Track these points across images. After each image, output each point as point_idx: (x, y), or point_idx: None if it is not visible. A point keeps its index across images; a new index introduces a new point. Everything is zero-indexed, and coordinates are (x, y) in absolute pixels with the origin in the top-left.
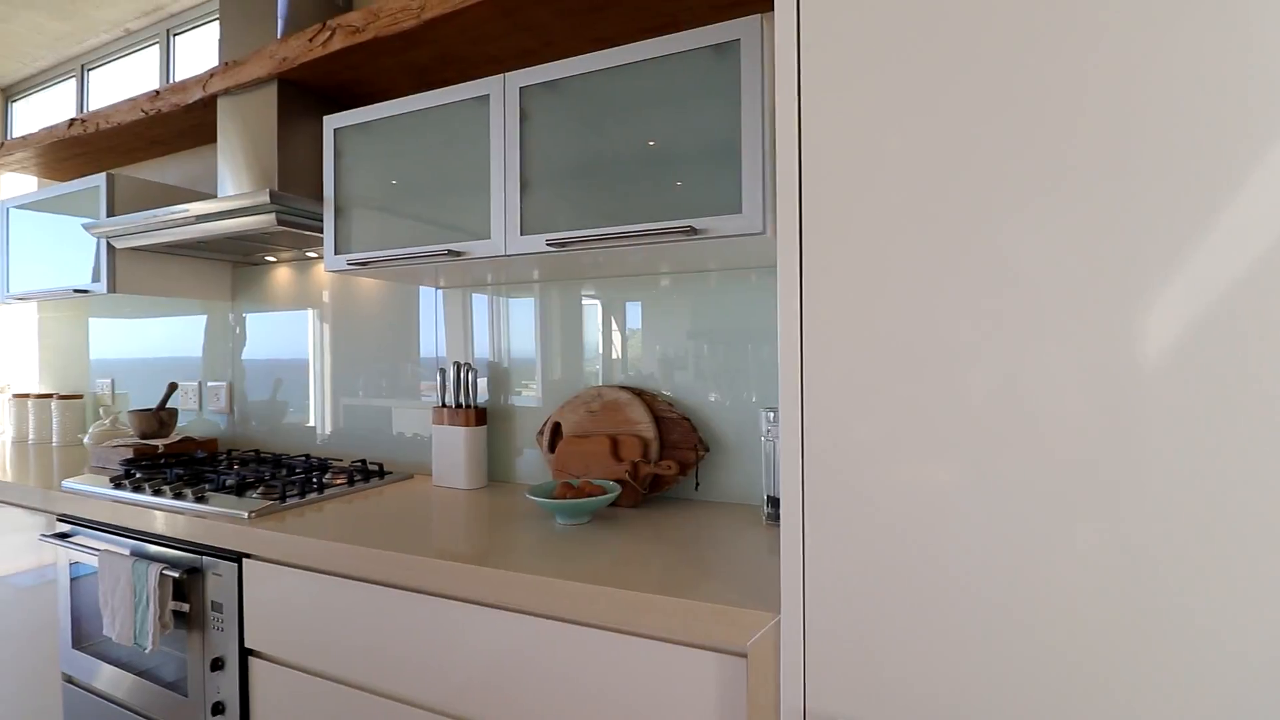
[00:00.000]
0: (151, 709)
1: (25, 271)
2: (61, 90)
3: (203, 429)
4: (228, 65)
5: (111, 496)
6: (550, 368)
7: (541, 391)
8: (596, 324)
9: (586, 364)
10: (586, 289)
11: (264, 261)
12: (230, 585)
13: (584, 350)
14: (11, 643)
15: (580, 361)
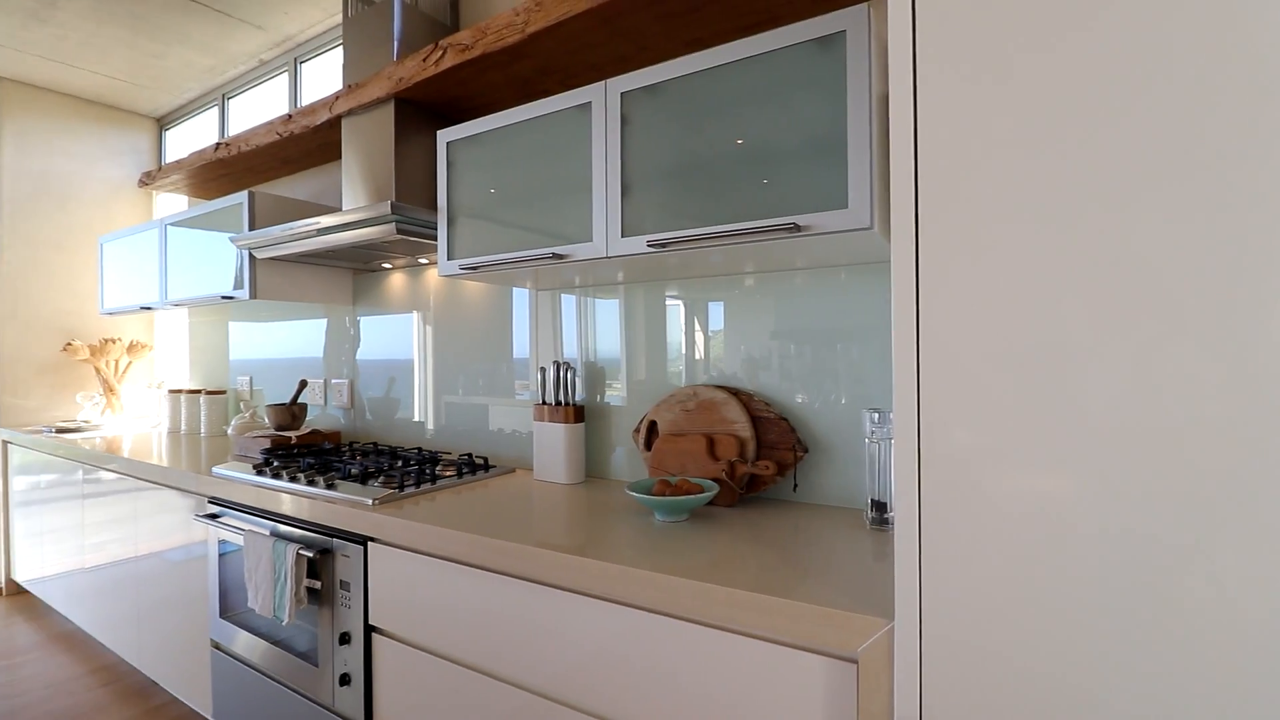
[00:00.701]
0: (286, 676)
1: (180, 280)
2: (205, 119)
3: (326, 422)
4: (351, 88)
5: (254, 482)
6: (634, 367)
7: (626, 390)
8: (679, 324)
9: (670, 364)
10: (670, 290)
11: (381, 268)
12: (357, 566)
13: (667, 350)
14: (170, 610)
15: (664, 361)
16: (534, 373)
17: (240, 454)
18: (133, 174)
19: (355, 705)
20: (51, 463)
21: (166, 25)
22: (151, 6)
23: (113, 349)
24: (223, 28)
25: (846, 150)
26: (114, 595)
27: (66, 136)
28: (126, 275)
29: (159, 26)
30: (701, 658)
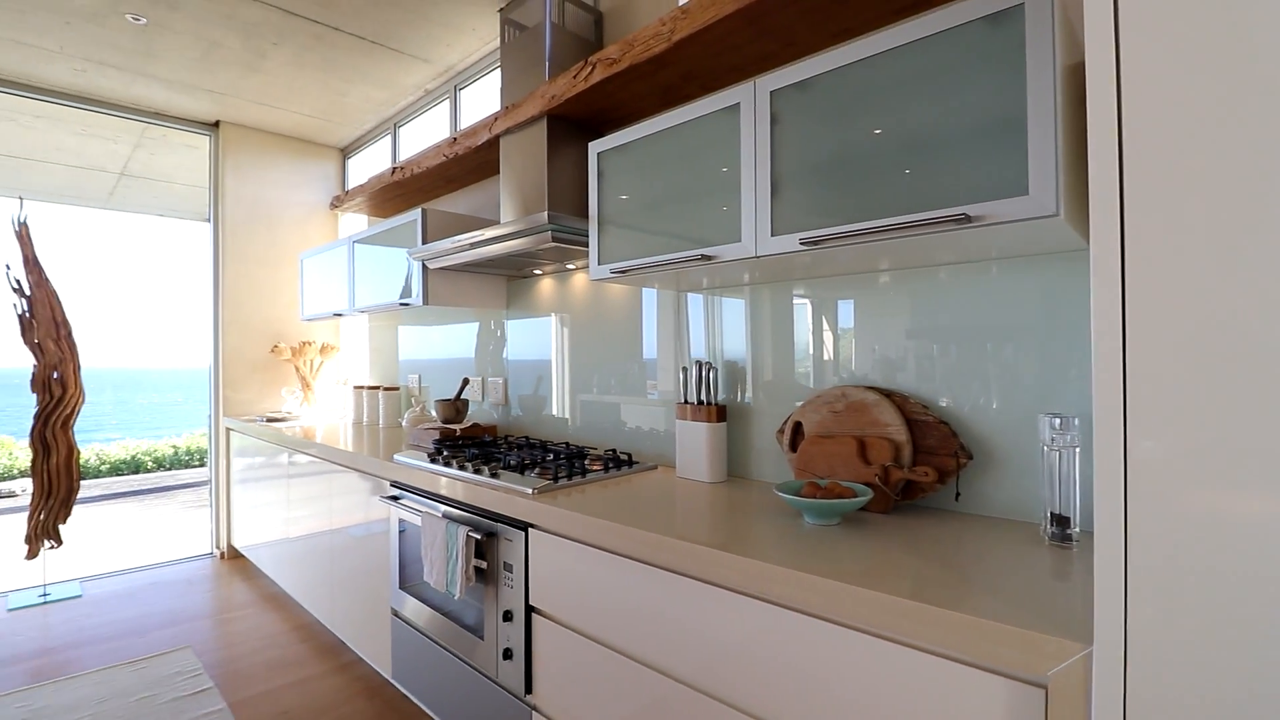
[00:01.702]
0: (455, 645)
1: (363, 290)
2: (380, 146)
3: (483, 416)
4: (508, 109)
5: (428, 469)
6: (761, 368)
7: (752, 391)
8: (807, 323)
9: (797, 364)
10: (797, 289)
11: (532, 275)
12: (518, 550)
13: (794, 350)
14: (356, 579)
15: (790, 362)
16: (663, 373)
17: (414, 443)
18: (323, 198)
19: (516, 678)
20: (262, 447)
21: (351, 66)
22: (340, 51)
23: (309, 350)
24: (396, 64)
25: (1026, 132)
26: (311, 563)
27: (271, 168)
28: (321, 286)
29: (345, 68)
30: (859, 665)
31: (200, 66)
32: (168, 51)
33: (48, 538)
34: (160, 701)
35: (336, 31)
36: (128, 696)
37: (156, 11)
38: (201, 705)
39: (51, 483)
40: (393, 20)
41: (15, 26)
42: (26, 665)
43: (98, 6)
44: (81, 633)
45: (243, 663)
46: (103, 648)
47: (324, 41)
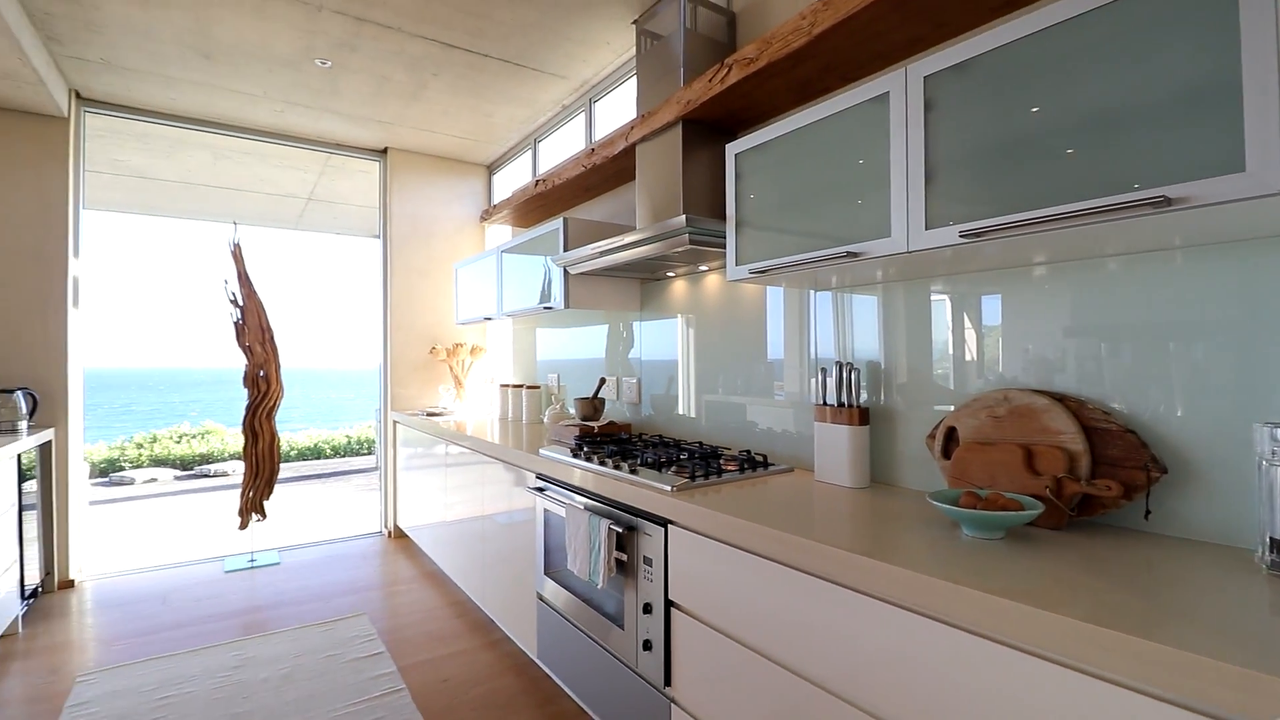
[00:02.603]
0: (596, 632)
1: (509, 295)
2: (521, 161)
3: (617, 415)
4: (644, 117)
5: (571, 463)
6: (895, 369)
7: (890, 392)
8: (945, 322)
9: (936, 365)
10: (935, 285)
11: (665, 277)
12: (657, 545)
13: (932, 350)
14: (504, 563)
15: (928, 362)
16: (789, 374)
17: (555, 439)
18: (473, 212)
19: (656, 670)
20: (423, 438)
21: (497, 89)
22: (488, 76)
23: (461, 351)
24: (536, 83)
25: (1240, 99)
26: (464, 545)
27: (428, 187)
28: (473, 293)
29: (492, 90)
30: (1024, 688)
31: (373, 100)
32: (347, 89)
33: (255, 512)
34: (343, 660)
35: (486, 58)
36: (317, 654)
37: (339, 55)
38: (377, 667)
39: (258, 465)
40: (535, 42)
41: (231, 78)
42: (238, 620)
43: (293, 55)
44: (280, 595)
45: (408, 631)
46: (296, 609)
47: (475, 68)
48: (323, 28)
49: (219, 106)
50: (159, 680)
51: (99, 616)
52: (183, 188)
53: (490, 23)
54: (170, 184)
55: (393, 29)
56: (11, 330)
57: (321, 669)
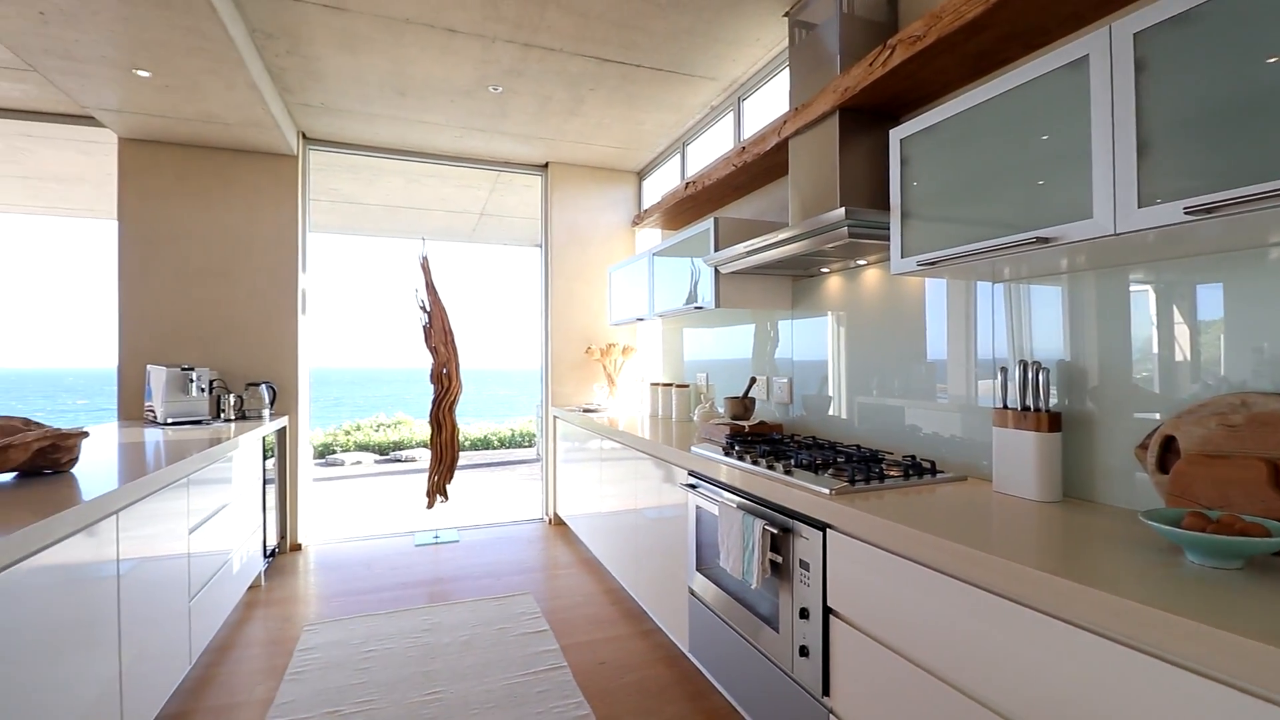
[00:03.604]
0: (750, 633)
1: (660, 297)
2: (669, 166)
3: (767, 415)
4: (797, 109)
5: (724, 462)
6: (1085, 369)
7: (1078, 396)
8: (1149, 316)
9: (1136, 366)
10: (1135, 273)
11: (819, 274)
12: (815, 549)
13: (1131, 348)
14: (655, 556)
15: (1127, 362)
16: (953, 374)
17: (706, 437)
18: (623, 218)
19: (813, 677)
20: (580, 433)
21: (649, 97)
22: (640, 85)
23: (613, 351)
24: (686, 87)
25: None
26: (618, 536)
27: (583, 196)
28: (625, 295)
29: (644, 99)
30: None
31: (536, 119)
32: (515, 111)
33: (439, 494)
34: (512, 634)
35: (638, 68)
36: (491, 625)
37: (508, 80)
38: (541, 643)
39: (441, 453)
40: (685, 48)
41: (420, 110)
42: (425, 588)
43: (470, 84)
44: (459, 569)
45: (568, 613)
46: (472, 583)
47: (628, 79)
48: (495, 57)
49: (411, 136)
50: (365, 635)
51: (319, 576)
52: (381, 210)
53: (644, 34)
54: (372, 207)
55: (555, 50)
56: (258, 334)
57: (495, 639)
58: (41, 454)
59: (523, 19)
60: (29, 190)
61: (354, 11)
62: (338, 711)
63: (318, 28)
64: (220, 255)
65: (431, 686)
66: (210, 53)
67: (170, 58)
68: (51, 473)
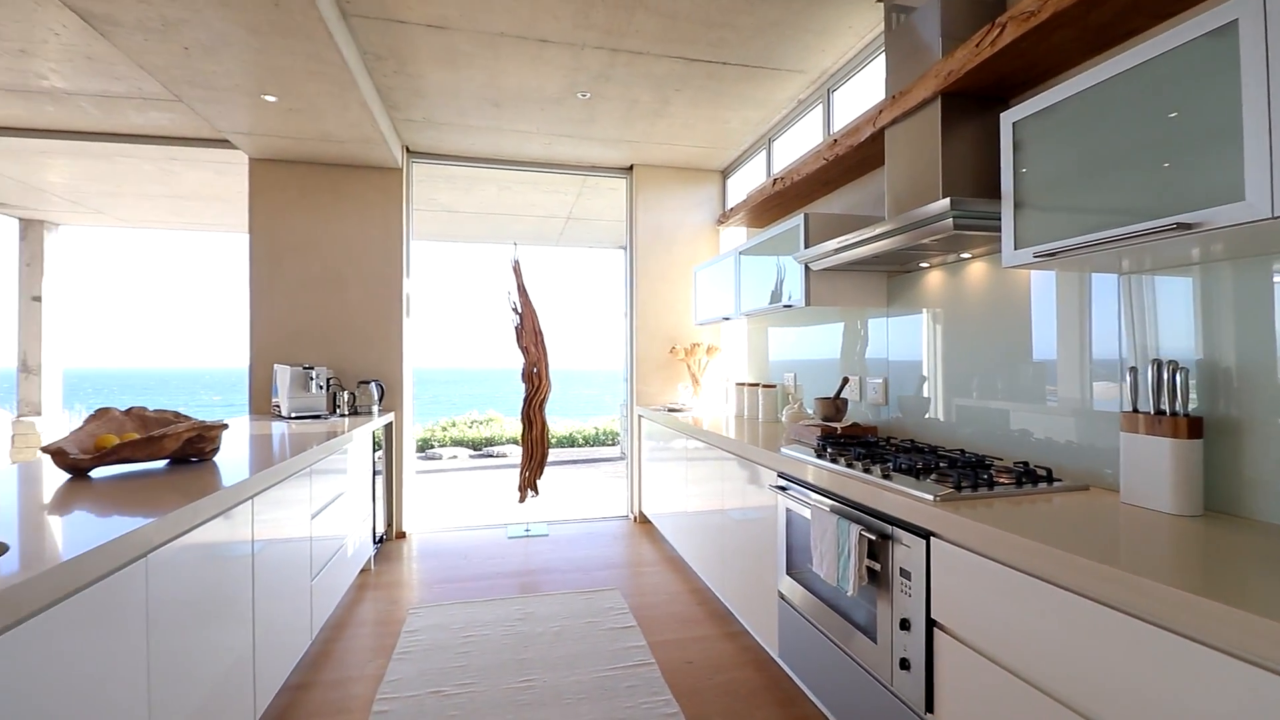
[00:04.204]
0: (844, 641)
1: (746, 296)
2: (753, 163)
3: (860, 416)
4: (894, 97)
5: (816, 464)
6: (1223, 370)
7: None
8: None
9: None
10: None
11: (917, 269)
12: (917, 558)
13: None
14: (743, 557)
15: (1273, 362)
16: (1063, 375)
17: (795, 438)
18: (707, 217)
19: (915, 692)
20: (665, 432)
21: (735, 94)
22: (726, 83)
23: (698, 351)
24: (773, 82)
25: None
26: (704, 536)
27: (668, 197)
28: (710, 294)
29: (730, 96)
30: None
31: (622, 122)
32: (602, 116)
33: (530, 489)
34: (601, 628)
35: (725, 65)
36: (580, 618)
37: (596, 85)
38: (629, 639)
39: (532, 449)
40: (773, 41)
41: (513, 119)
42: (517, 579)
43: (560, 92)
44: (549, 562)
45: (654, 611)
46: (562, 576)
47: (714, 78)
48: (584, 64)
49: (504, 145)
50: (464, 621)
51: (421, 563)
52: (475, 217)
53: (731, 31)
54: (467, 215)
55: (642, 54)
56: (368, 335)
57: (584, 632)
58: (189, 443)
59: (611, 24)
60: (174, 209)
61: (454, 29)
62: (441, 691)
63: (421, 47)
64: (335, 263)
65: (526, 674)
66: (328, 76)
67: (294, 83)
68: (197, 460)
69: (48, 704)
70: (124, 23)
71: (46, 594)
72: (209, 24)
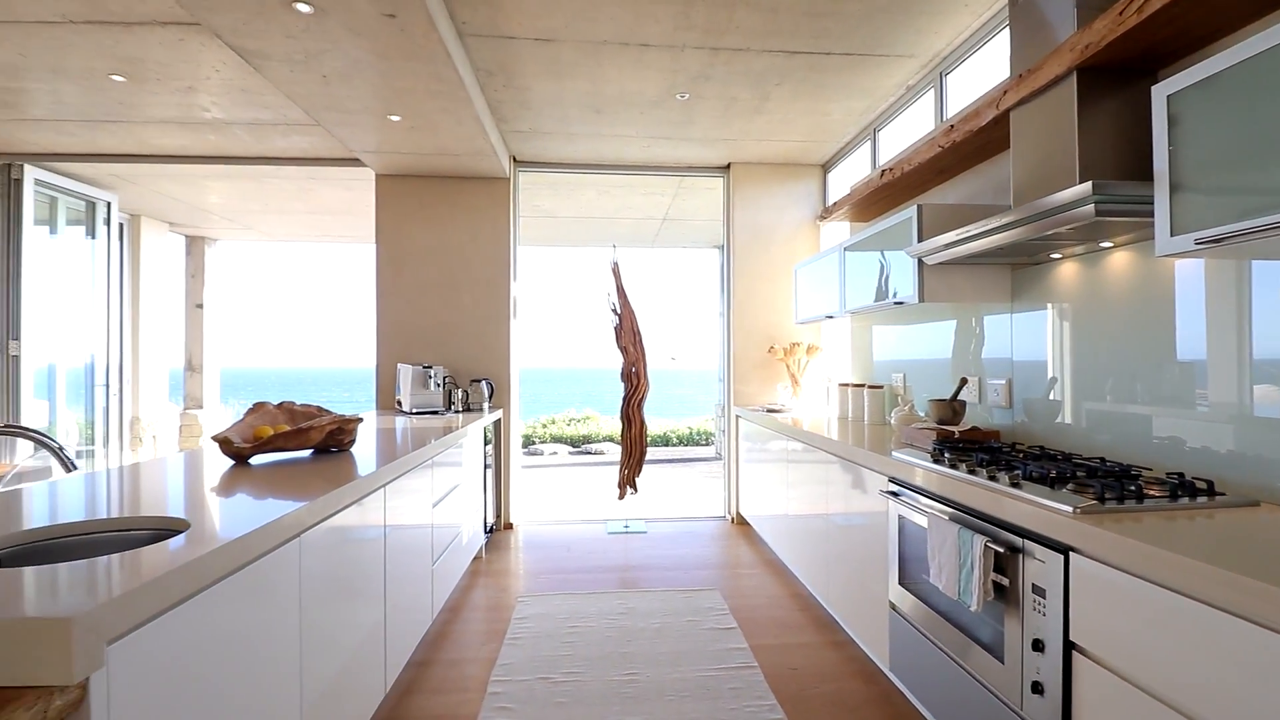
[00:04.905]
0: (965, 659)
1: (852, 293)
2: (856, 156)
3: (979, 419)
4: (1021, 76)
5: (932, 469)
6: None
7: None
8: None
9: None
10: None
11: (1048, 260)
12: (1053, 574)
13: None
14: (850, 564)
15: None
16: (1215, 378)
17: (907, 442)
18: (807, 214)
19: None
20: (763, 433)
21: (838, 85)
22: (829, 74)
23: (797, 350)
24: (879, 69)
25: None
26: (805, 540)
27: (765, 194)
28: (812, 292)
29: (832, 88)
30: None
31: (720, 121)
32: (700, 116)
33: (629, 486)
34: (702, 627)
35: (828, 56)
36: (680, 616)
37: (695, 86)
38: (730, 640)
39: (631, 447)
40: (879, 27)
41: (613, 124)
42: (617, 574)
43: (659, 94)
44: (647, 559)
45: (755, 613)
46: (660, 574)
47: (816, 69)
48: (684, 65)
49: (604, 150)
50: (569, 611)
51: (527, 554)
52: (575, 221)
53: (835, 20)
54: (567, 219)
55: (742, 50)
56: (478, 336)
57: (685, 630)
58: (331, 435)
59: (711, 23)
60: (310, 223)
61: (559, 41)
62: (549, 679)
63: (528, 61)
64: (449, 269)
65: (629, 668)
66: (446, 94)
67: (416, 102)
68: (336, 451)
69: (223, 661)
70: (273, 56)
71: (222, 566)
72: (345, 53)
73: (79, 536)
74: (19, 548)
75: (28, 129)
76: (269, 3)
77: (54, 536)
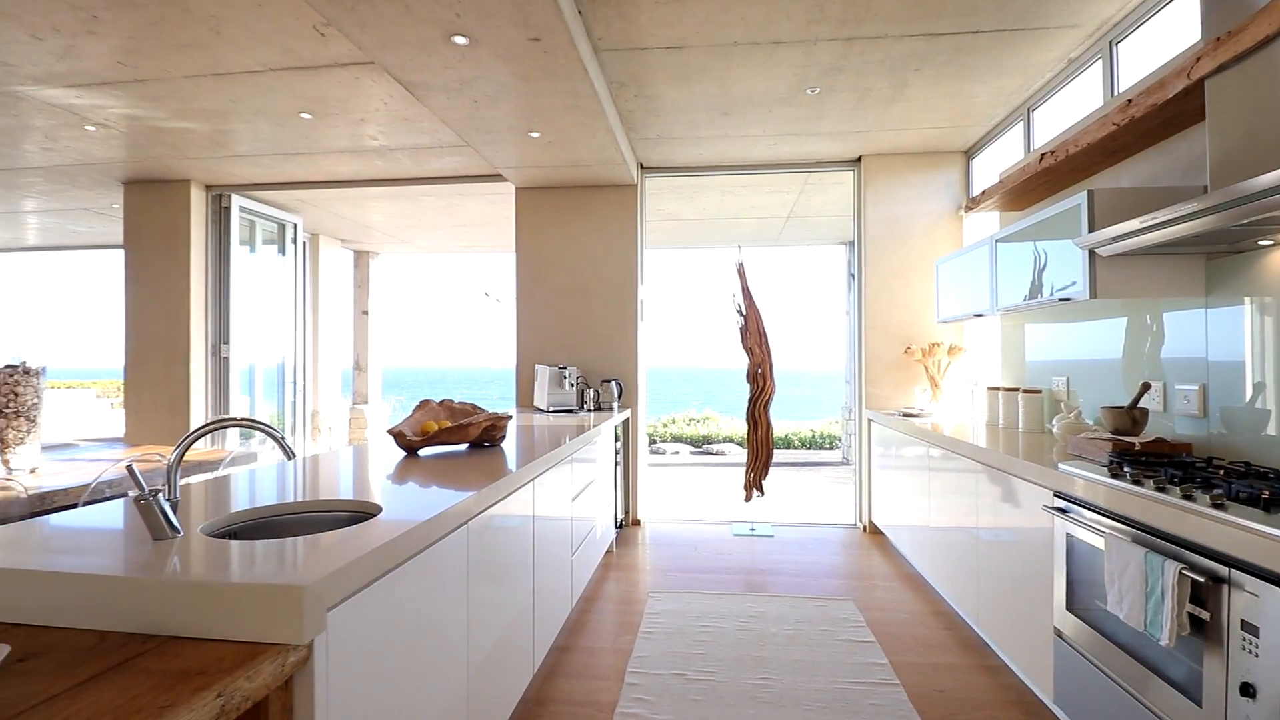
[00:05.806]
0: (1151, 699)
1: (1005, 290)
2: (1006, 138)
3: (1162, 429)
4: (1219, 40)
5: (1110, 484)
6: None
7: None
8: None
9: None
10: None
11: (1255, 248)
12: (1272, 610)
13: None
14: (1006, 584)
15: None
16: None
17: (1076, 453)
18: (947, 205)
19: None
20: (900, 439)
21: (986, 65)
22: (976, 55)
23: (938, 351)
24: (1035, 43)
25: None
26: (951, 555)
27: (901, 186)
28: (957, 289)
29: (979, 68)
30: None
31: (852, 113)
32: (831, 110)
33: (756, 489)
34: (837, 638)
35: (976, 35)
36: (813, 625)
37: (826, 79)
38: (868, 654)
39: (758, 449)
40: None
41: (740, 125)
42: (744, 577)
43: (788, 91)
44: (774, 564)
45: (894, 629)
46: (789, 580)
47: (961, 50)
48: (815, 59)
49: (730, 151)
50: (699, 611)
51: (655, 550)
52: (699, 223)
53: None
54: (691, 221)
55: (879, 38)
56: (608, 338)
57: (819, 640)
58: (486, 431)
59: (847, 13)
60: (456, 235)
61: (689, 47)
62: (684, 675)
63: (658, 70)
64: (580, 274)
65: (763, 672)
66: (581, 109)
67: (553, 119)
68: (489, 446)
69: (409, 630)
70: (433, 86)
71: (412, 546)
72: (493, 78)
73: (292, 515)
74: (249, 522)
75: (234, 164)
76: (432, 39)
77: (275, 515)
